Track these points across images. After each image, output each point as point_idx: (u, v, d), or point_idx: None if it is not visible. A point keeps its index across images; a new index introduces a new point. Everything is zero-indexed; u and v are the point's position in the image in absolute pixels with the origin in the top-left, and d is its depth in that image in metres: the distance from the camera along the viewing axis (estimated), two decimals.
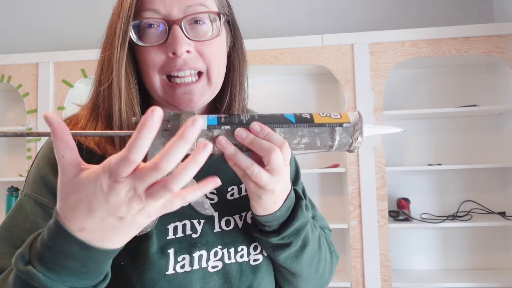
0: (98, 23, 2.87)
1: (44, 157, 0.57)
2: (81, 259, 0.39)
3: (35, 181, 0.56)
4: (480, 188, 2.16)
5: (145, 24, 0.55)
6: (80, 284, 0.41)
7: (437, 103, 2.21)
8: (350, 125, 0.50)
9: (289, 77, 2.32)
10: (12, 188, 2.27)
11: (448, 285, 1.92)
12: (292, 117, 0.50)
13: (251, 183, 0.50)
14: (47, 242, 0.40)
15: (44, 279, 0.39)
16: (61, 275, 0.40)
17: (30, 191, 0.55)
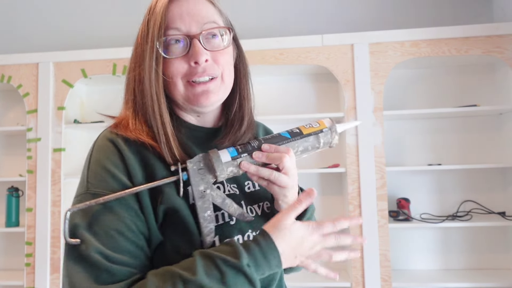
0: (98, 23, 2.88)
1: (107, 160, 0.64)
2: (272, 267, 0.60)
3: (105, 180, 0.63)
4: (480, 188, 2.16)
5: (170, 40, 0.66)
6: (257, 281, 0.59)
7: (437, 103, 2.21)
8: (327, 129, 0.69)
9: (289, 77, 2.32)
10: (12, 188, 2.27)
11: (448, 285, 1.92)
12: (287, 134, 0.68)
13: (276, 187, 0.66)
14: (260, 246, 0.59)
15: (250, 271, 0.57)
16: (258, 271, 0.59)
17: (102, 190, 0.62)
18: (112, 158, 0.64)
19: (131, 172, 0.63)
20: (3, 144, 2.46)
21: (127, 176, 0.63)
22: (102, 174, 0.63)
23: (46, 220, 2.10)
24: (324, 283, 1.99)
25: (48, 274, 2.08)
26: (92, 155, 0.67)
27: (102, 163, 0.64)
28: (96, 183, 0.63)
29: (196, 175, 0.62)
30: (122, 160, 0.64)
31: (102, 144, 0.67)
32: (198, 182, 0.62)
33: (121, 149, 0.65)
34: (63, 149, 2.16)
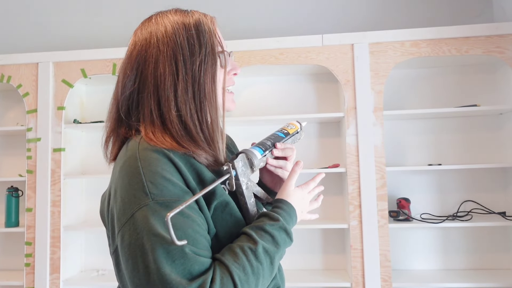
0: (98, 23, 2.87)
1: (164, 170, 0.68)
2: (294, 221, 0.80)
3: (167, 187, 0.67)
4: (480, 188, 2.16)
5: (226, 55, 0.80)
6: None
7: (437, 103, 2.21)
8: (300, 129, 0.93)
9: (289, 77, 2.32)
10: (12, 188, 2.27)
11: (448, 285, 1.92)
12: (282, 134, 0.89)
13: (286, 172, 0.89)
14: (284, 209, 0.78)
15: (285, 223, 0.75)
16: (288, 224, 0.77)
17: (168, 197, 0.66)
18: (166, 167, 0.68)
19: (185, 177, 0.69)
20: (3, 144, 2.46)
21: (183, 182, 0.69)
22: (162, 183, 0.66)
23: (46, 220, 2.10)
24: (324, 283, 1.99)
25: (48, 274, 2.08)
26: (143, 167, 0.67)
27: (159, 173, 0.67)
28: (158, 192, 0.66)
29: (242, 172, 0.77)
30: (176, 168, 0.69)
31: (150, 156, 0.69)
32: (243, 177, 0.77)
33: (171, 158, 0.69)
34: (63, 149, 2.16)
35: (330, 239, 2.22)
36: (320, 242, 2.23)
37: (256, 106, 2.28)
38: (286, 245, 0.74)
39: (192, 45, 0.73)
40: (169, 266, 0.61)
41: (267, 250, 0.69)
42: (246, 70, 2.15)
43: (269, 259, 0.69)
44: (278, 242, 0.72)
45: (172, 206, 0.65)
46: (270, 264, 0.69)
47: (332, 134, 2.28)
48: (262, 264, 0.68)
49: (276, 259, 0.71)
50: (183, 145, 0.71)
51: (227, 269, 0.64)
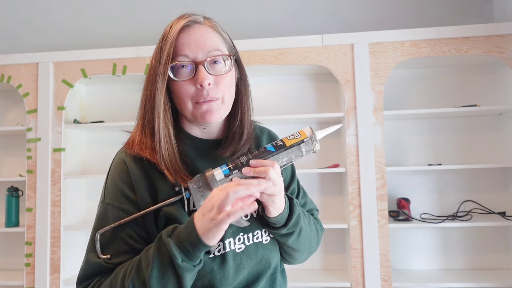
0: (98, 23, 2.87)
1: (118, 176, 0.79)
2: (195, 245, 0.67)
3: (115, 193, 0.78)
4: (480, 188, 2.16)
5: (179, 66, 0.77)
6: (188, 261, 0.67)
7: (437, 103, 2.21)
8: (308, 139, 0.77)
9: (289, 77, 2.32)
10: (12, 188, 2.27)
11: (448, 285, 1.92)
12: (272, 148, 0.76)
13: (265, 196, 0.73)
14: (185, 229, 0.68)
15: (173, 246, 0.67)
16: (180, 248, 0.68)
17: (113, 201, 0.78)
18: (121, 174, 0.79)
19: (135, 186, 0.77)
20: (3, 144, 2.46)
21: (132, 190, 0.78)
22: (114, 188, 0.79)
23: (46, 220, 2.10)
24: (324, 283, 1.99)
25: (48, 274, 2.08)
26: (110, 171, 0.82)
27: (114, 179, 0.80)
28: (110, 195, 0.79)
29: (197, 193, 0.72)
30: (129, 176, 0.78)
31: (117, 162, 0.82)
32: (199, 199, 0.72)
33: (129, 167, 0.79)
34: (63, 149, 2.16)
35: (330, 239, 2.22)
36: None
37: (256, 106, 2.27)
38: (166, 269, 0.67)
39: (153, 62, 0.80)
40: (85, 261, 0.77)
41: (138, 267, 0.70)
42: (246, 70, 2.14)
43: (141, 276, 0.69)
44: (152, 260, 0.68)
45: (113, 210, 0.77)
46: (141, 280, 0.68)
47: (332, 134, 2.28)
48: (133, 279, 0.69)
49: (151, 277, 0.67)
50: (143, 153, 0.78)
51: (108, 278, 0.74)
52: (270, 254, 0.83)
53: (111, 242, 0.75)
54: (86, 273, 0.75)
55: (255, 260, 0.81)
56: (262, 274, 0.82)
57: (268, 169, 0.72)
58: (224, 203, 0.63)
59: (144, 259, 0.69)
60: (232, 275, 0.77)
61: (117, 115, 2.36)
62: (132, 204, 0.77)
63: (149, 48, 2.12)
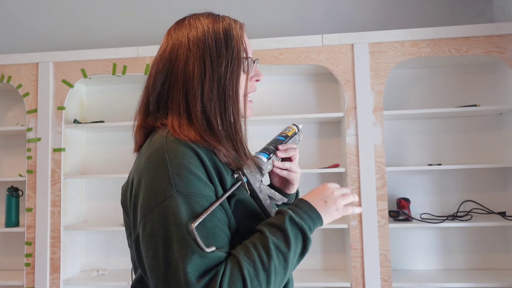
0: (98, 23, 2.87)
1: (190, 163, 0.72)
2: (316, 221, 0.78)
3: (191, 181, 0.70)
4: (480, 188, 2.16)
5: (251, 62, 0.85)
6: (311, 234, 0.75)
7: (437, 103, 2.21)
8: (298, 131, 0.97)
9: (289, 77, 2.32)
10: (12, 188, 2.27)
11: (448, 285, 1.92)
12: (282, 137, 0.94)
13: (292, 174, 0.92)
14: (303, 211, 0.77)
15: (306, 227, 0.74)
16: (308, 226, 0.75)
17: (193, 190, 0.70)
18: (192, 160, 0.72)
19: (208, 171, 0.74)
20: (3, 144, 2.46)
21: (206, 176, 0.73)
22: (187, 176, 0.70)
23: (46, 220, 2.10)
24: (324, 283, 1.99)
25: (48, 274, 2.08)
26: (170, 159, 0.71)
27: (185, 166, 0.71)
28: (183, 184, 0.69)
29: (252, 177, 0.81)
30: (201, 162, 0.73)
31: (177, 149, 0.73)
32: (254, 181, 0.81)
33: (198, 152, 0.73)
34: (63, 149, 2.16)
35: (330, 239, 2.22)
36: (320, 242, 2.23)
37: (256, 106, 2.28)
38: (298, 240, 0.72)
39: (219, 49, 0.79)
40: (188, 258, 0.64)
41: (277, 245, 0.70)
42: None
43: (282, 255, 0.70)
44: (289, 236, 0.71)
45: (195, 199, 0.69)
46: (283, 261, 0.70)
47: (332, 134, 2.28)
48: (273, 259, 0.68)
49: (289, 255, 0.70)
50: (205, 139, 0.76)
51: (238, 263, 0.67)
52: None
53: (209, 232, 0.68)
54: (202, 267, 0.65)
55: None
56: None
57: (296, 149, 0.92)
58: (349, 199, 0.82)
59: (277, 240, 0.71)
60: None
61: (117, 115, 2.36)
62: (211, 190, 0.73)
63: (149, 48, 2.12)
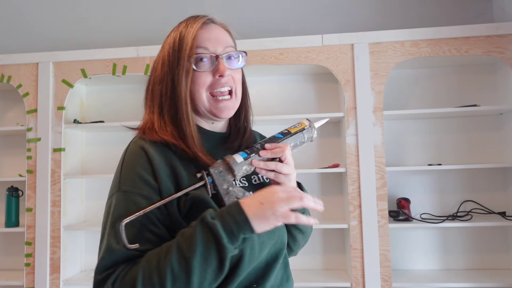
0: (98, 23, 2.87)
1: (137, 163, 0.78)
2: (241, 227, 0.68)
3: (133, 180, 0.77)
4: (480, 188, 2.16)
5: (199, 58, 0.82)
6: (231, 243, 0.67)
7: (437, 103, 2.21)
8: (307, 127, 0.87)
9: (289, 77, 2.32)
10: (12, 188, 2.27)
11: (448, 285, 1.92)
12: (280, 135, 0.85)
13: (281, 176, 0.81)
14: (228, 212, 0.69)
15: (219, 227, 0.67)
16: (225, 229, 0.68)
17: (132, 188, 0.76)
18: (140, 160, 0.78)
19: (156, 172, 0.77)
20: (3, 144, 2.46)
21: (153, 176, 0.77)
22: (132, 175, 0.77)
23: (46, 220, 2.10)
24: (324, 283, 1.99)
25: (48, 274, 2.08)
26: (125, 159, 0.81)
27: (132, 167, 0.78)
28: (128, 183, 0.77)
29: (219, 177, 0.76)
30: (148, 162, 0.77)
31: (133, 149, 0.81)
32: (221, 183, 0.76)
33: (148, 152, 0.78)
34: (63, 149, 2.16)
35: (330, 239, 2.22)
36: (320, 242, 2.23)
37: (256, 106, 2.27)
38: (210, 244, 0.67)
39: (171, 55, 0.83)
40: (103, 251, 0.73)
41: (181, 248, 0.67)
42: (246, 70, 2.14)
43: (183, 260, 0.66)
44: (195, 239, 0.67)
45: (132, 197, 0.75)
46: (184, 265, 0.66)
47: (332, 134, 2.28)
48: (171, 263, 0.66)
49: (193, 260, 0.66)
50: (162, 137, 0.80)
51: (139, 264, 0.70)
52: (284, 235, 0.87)
53: (134, 230, 0.73)
54: (108, 261, 0.71)
55: (273, 239, 0.83)
56: (279, 254, 0.84)
57: (284, 148, 0.81)
58: (295, 204, 0.69)
59: (184, 242, 0.68)
60: (257, 252, 0.78)
61: (117, 115, 2.36)
62: (153, 189, 0.76)
63: (149, 48, 2.12)
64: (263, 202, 0.69)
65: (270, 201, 0.69)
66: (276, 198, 0.69)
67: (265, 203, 0.69)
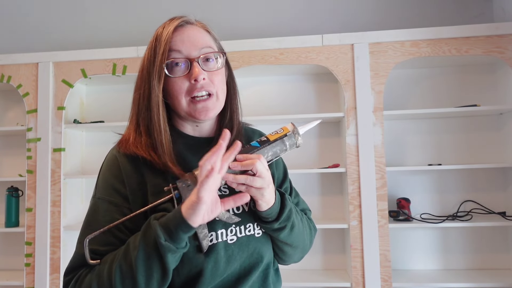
0: (98, 23, 2.87)
1: (109, 171, 0.82)
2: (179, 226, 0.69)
3: (105, 187, 0.81)
4: (480, 188, 2.16)
5: (173, 63, 0.80)
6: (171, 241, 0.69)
7: (437, 103, 2.21)
8: (290, 133, 0.79)
9: (289, 77, 2.32)
10: (12, 188, 2.27)
11: (448, 285, 1.92)
12: (257, 143, 0.78)
13: (253, 189, 0.75)
14: (169, 213, 0.70)
15: (157, 227, 0.69)
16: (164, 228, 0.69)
17: (103, 195, 0.80)
18: (112, 169, 0.82)
19: (126, 179, 0.80)
20: (3, 144, 2.46)
21: (122, 183, 0.80)
22: (104, 183, 0.82)
23: (46, 220, 2.10)
24: (324, 283, 1.99)
25: (48, 274, 2.08)
26: (102, 167, 0.85)
27: (105, 174, 0.83)
28: (101, 190, 0.82)
29: (186, 191, 0.73)
30: (119, 170, 0.81)
31: (109, 157, 0.85)
32: (186, 194, 0.73)
33: (120, 162, 0.81)
34: (63, 149, 2.16)
35: (330, 239, 2.22)
36: (320, 242, 2.23)
37: (256, 106, 2.28)
38: (149, 240, 0.69)
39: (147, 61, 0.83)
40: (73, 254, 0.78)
41: (129, 245, 0.72)
42: (246, 70, 2.15)
43: (128, 255, 0.71)
44: (139, 237, 0.71)
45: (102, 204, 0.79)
46: (129, 260, 0.70)
47: (332, 134, 2.28)
48: (120, 261, 0.71)
49: (137, 256, 0.69)
50: (133, 150, 0.81)
51: (94, 271, 0.74)
52: (262, 247, 0.83)
53: (102, 235, 0.77)
54: (74, 264, 0.77)
55: (247, 252, 0.81)
56: (254, 267, 0.81)
57: (254, 161, 0.73)
58: (202, 174, 0.66)
59: (132, 242, 0.72)
60: (223, 265, 0.77)
61: (117, 115, 2.36)
62: (121, 196, 0.79)
63: None
64: (192, 195, 0.68)
65: (193, 191, 0.68)
66: (199, 188, 0.67)
67: (192, 195, 0.68)
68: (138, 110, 0.83)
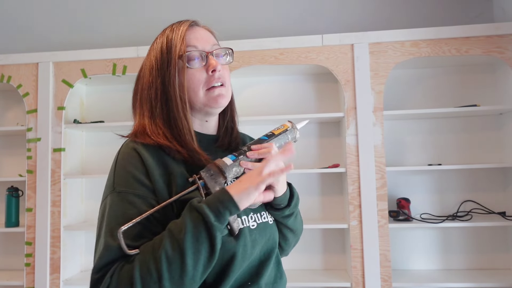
0: (98, 23, 2.87)
1: (130, 163, 0.80)
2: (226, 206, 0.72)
3: (127, 180, 0.79)
4: (480, 188, 2.16)
5: (190, 55, 0.85)
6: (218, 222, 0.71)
7: (437, 103, 2.21)
8: (290, 128, 0.90)
9: (289, 77, 2.32)
10: (12, 188, 2.27)
11: (448, 285, 1.92)
12: (265, 137, 0.87)
13: None
14: (213, 195, 0.74)
15: (205, 208, 0.71)
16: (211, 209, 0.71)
17: (126, 188, 0.78)
18: (133, 161, 0.80)
19: (149, 171, 0.79)
20: (3, 144, 2.46)
21: (146, 175, 0.79)
22: (125, 176, 0.79)
23: (46, 220, 2.10)
24: (324, 283, 1.99)
25: (48, 274, 2.08)
26: (118, 161, 0.82)
27: (125, 167, 0.80)
28: (122, 183, 0.79)
29: (210, 180, 0.78)
30: (141, 163, 0.79)
31: (125, 151, 0.83)
32: (213, 185, 0.78)
33: (141, 153, 0.80)
34: (63, 149, 2.16)
35: (330, 239, 2.23)
36: (320, 242, 2.23)
37: (256, 106, 2.28)
38: (199, 224, 0.70)
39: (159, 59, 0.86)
40: (105, 251, 0.73)
41: (172, 231, 0.71)
42: (246, 70, 2.15)
43: (176, 242, 0.69)
44: (185, 221, 0.71)
45: (127, 197, 0.77)
46: (177, 247, 0.69)
47: (332, 134, 2.28)
48: (164, 247, 0.69)
49: (185, 240, 0.69)
50: (155, 140, 0.82)
51: (136, 258, 0.71)
52: (275, 233, 0.89)
53: (134, 229, 0.75)
54: (104, 260, 0.73)
55: (265, 237, 0.85)
56: (271, 252, 0.87)
57: (270, 149, 0.82)
58: (264, 166, 0.74)
59: (174, 227, 0.71)
60: (250, 249, 0.80)
61: (117, 115, 2.36)
62: (146, 188, 0.78)
63: None
64: (242, 180, 0.75)
65: (247, 177, 0.75)
66: (251, 174, 0.75)
67: (243, 179, 0.75)
68: (152, 106, 0.85)
